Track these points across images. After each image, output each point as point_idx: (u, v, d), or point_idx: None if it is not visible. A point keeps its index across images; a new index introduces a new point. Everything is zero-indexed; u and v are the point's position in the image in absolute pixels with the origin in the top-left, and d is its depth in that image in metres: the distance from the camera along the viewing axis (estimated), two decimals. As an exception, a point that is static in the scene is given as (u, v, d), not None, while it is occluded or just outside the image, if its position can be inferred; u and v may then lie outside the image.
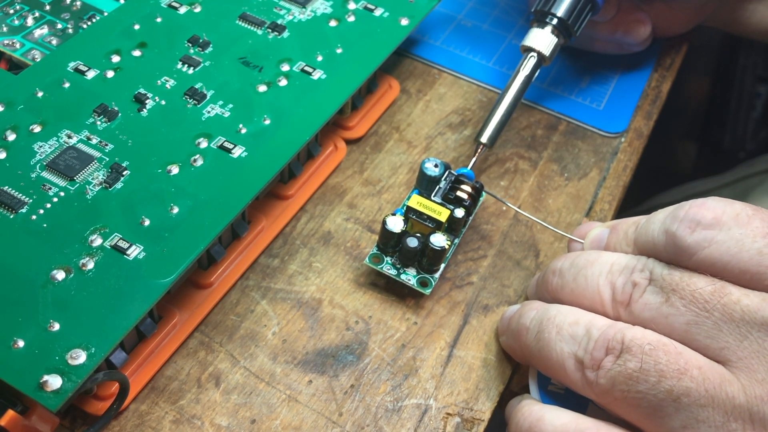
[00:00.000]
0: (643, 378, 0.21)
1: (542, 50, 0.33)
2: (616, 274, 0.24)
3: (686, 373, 0.21)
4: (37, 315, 0.23)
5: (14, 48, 0.32)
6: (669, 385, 0.21)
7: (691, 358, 0.21)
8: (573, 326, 0.24)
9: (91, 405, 0.25)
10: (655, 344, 0.21)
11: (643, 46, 0.39)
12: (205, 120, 0.29)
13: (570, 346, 0.23)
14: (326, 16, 0.35)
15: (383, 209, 0.32)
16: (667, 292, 0.22)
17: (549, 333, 0.24)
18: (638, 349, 0.21)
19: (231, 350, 0.27)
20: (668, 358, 0.21)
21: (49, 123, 0.28)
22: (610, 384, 0.22)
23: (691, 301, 0.22)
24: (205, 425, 0.25)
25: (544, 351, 0.24)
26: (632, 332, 0.22)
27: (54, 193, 0.26)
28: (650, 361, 0.21)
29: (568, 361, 0.23)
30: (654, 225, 0.24)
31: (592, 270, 0.25)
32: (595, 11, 0.35)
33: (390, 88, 0.37)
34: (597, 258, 0.25)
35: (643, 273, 0.23)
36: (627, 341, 0.22)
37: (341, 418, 0.26)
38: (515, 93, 0.33)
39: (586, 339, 0.23)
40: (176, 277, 0.24)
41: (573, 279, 0.25)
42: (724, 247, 0.22)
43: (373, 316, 0.29)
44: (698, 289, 0.22)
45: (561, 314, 0.24)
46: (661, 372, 0.21)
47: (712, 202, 0.23)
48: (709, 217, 0.22)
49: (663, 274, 0.23)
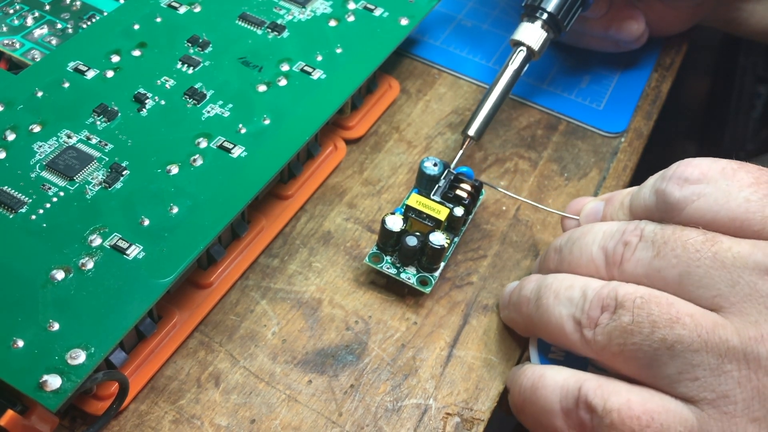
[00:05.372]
0: (637, 330, 0.22)
1: (531, 44, 0.33)
2: (608, 239, 0.25)
3: (678, 321, 0.21)
4: (37, 315, 0.23)
5: (14, 48, 0.32)
6: (662, 334, 0.21)
7: (682, 307, 0.22)
8: (569, 290, 0.24)
9: (90, 405, 0.25)
10: (647, 297, 0.22)
11: (637, 44, 0.39)
12: (204, 120, 0.29)
13: (568, 309, 0.24)
14: (326, 16, 0.35)
15: (383, 209, 0.32)
16: (658, 246, 0.23)
17: (547, 299, 0.25)
18: (630, 303, 0.22)
19: (231, 350, 0.27)
20: (660, 309, 0.22)
21: (49, 123, 0.28)
22: (607, 339, 0.23)
23: (682, 252, 0.22)
24: (205, 425, 0.25)
25: (544, 316, 0.25)
26: (624, 288, 0.23)
27: (54, 193, 0.26)
28: (642, 313, 0.22)
29: (567, 323, 0.24)
30: (645, 189, 0.25)
31: (585, 240, 0.25)
32: (585, 7, 0.35)
33: (390, 88, 0.37)
34: (590, 228, 0.26)
35: (635, 232, 0.24)
36: (620, 297, 0.22)
37: (341, 418, 0.26)
38: (503, 87, 0.33)
39: (582, 300, 0.24)
40: (176, 277, 0.24)
41: (569, 252, 0.26)
42: (711, 199, 0.23)
43: (373, 316, 0.29)
44: (689, 240, 0.22)
45: (557, 280, 0.25)
46: (653, 323, 0.22)
47: (698, 159, 0.24)
48: (696, 173, 0.23)
49: (654, 230, 0.23)
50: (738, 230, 0.22)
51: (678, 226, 0.23)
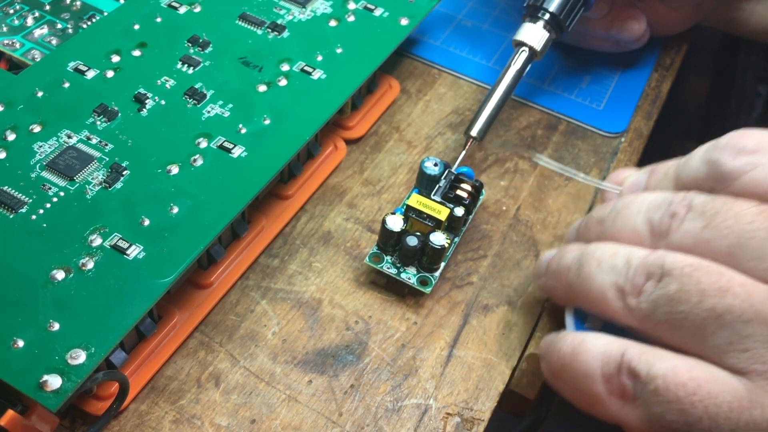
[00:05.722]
0: (685, 298, 0.21)
1: (534, 45, 0.33)
2: (653, 210, 0.24)
3: (729, 291, 0.20)
4: (37, 315, 0.23)
5: (14, 48, 0.32)
6: (711, 303, 0.21)
7: (733, 277, 0.21)
8: (613, 257, 0.23)
9: (90, 405, 0.25)
10: (696, 265, 0.21)
11: (638, 44, 0.39)
12: (205, 120, 0.29)
13: (610, 277, 0.23)
14: (326, 16, 0.35)
15: (383, 209, 0.32)
16: (708, 217, 0.22)
17: (589, 266, 0.24)
18: (679, 271, 0.21)
19: (231, 350, 0.27)
20: (710, 278, 0.21)
21: (49, 123, 0.28)
22: (652, 307, 0.22)
23: (734, 223, 0.21)
24: (205, 425, 0.25)
25: (586, 284, 0.24)
26: (672, 257, 0.22)
27: (54, 193, 0.26)
28: (691, 282, 0.21)
29: (609, 291, 0.23)
30: (694, 159, 0.24)
31: (629, 211, 0.24)
32: (587, 7, 0.35)
33: (390, 88, 0.37)
34: (635, 199, 0.25)
35: (683, 203, 0.23)
36: (667, 265, 0.22)
37: (341, 418, 0.26)
38: (506, 87, 0.33)
39: (626, 268, 0.23)
40: (176, 277, 0.24)
41: (612, 223, 0.25)
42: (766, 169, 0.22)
43: (373, 316, 0.29)
44: (742, 211, 0.21)
45: (600, 249, 0.24)
46: (702, 291, 0.21)
47: (754, 130, 0.23)
48: (752, 144, 0.22)
49: (705, 200, 0.22)
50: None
51: (730, 197, 0.22)
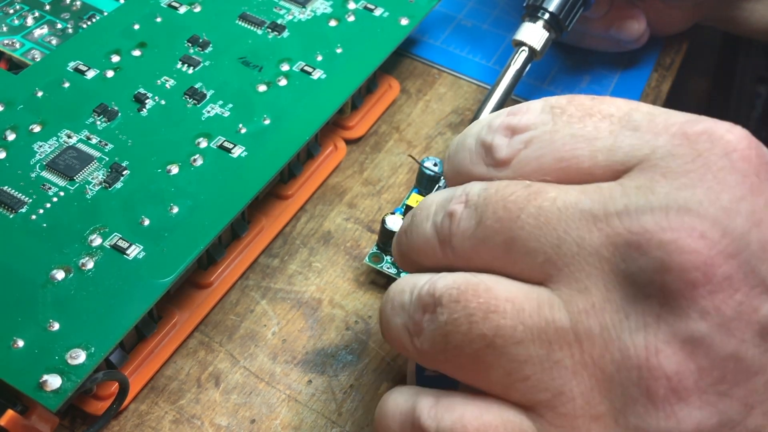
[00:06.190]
0: (455, 329, 0.18)
1: (533, 45, 0.33)
2: (438, 211, 0.20)
3: (496, 311, 0.17)
4: (37, 315, 0.23)
5: (14, 48, 0.32)
6: (480, 329, 0.18)
7: (501, 292, 0.18)
8: (401, 294, 0.20)
9: (90, 405, 0.25)
10: (463, 287, 0.18)
11: (638, 44, 0.39)
12: (204, 120, 0.29)
13: (401, 318, 0.20)
14: (326, 15, 0.35)
15: (383, 209, 0.32)
16: (480, 212, 0.19)
17: (386, 311, 0.21)
18: (447, 297, 0.18)
19: (231, 350, 0.27)
20: (477, 299, 0.18)
21: (49, 123, 0.28)
22: (430, 346, 0.19)
23: (504, 214, 0.18)
24: (205, 425, 0.25)
25: (387, 334, 0.21)
26: (442, 281, 0.19)
27: (54, 193, 0.26)
28: (458, 307, 0.18)
29: (403, 336, 0.20)
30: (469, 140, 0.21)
31: (421, 216, 0.21)
32: (587, 7, 0.35)
33: (390, 88, 0.37)
34: (426, 200, 0.21)
35: (460, 198, 0.20)
36: (438, 292, 0.19)
37: (341, 418, 0.26)
38: (506, 87, 0.33)
39: (409, 303, 0.20)
40: (176, 276, 0.24)
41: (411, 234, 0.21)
42: (537, 143, 0.19)
43: (373, 316, 0.29)
44: (510, 197, 0.18)
45: (394, 286, 0.21)
46: (470, 317, 0.18)
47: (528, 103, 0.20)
48: (524, 121, 0.20)
49: (478, 192, 0.19)
50: (566, 174, 0.18)
51: (503, 181, 0.19)
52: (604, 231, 0.17)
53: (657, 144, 0.18)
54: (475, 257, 0.19)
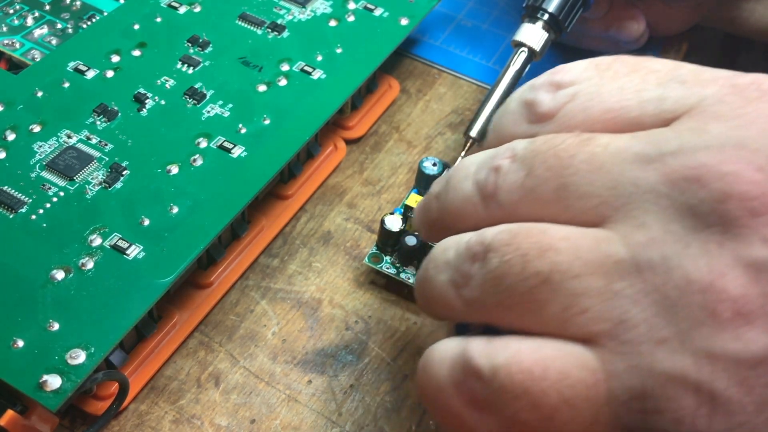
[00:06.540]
0: (508, 270, 0.18)
1: (533, 45, 0.33)
2: (479, 169, 0.21)
3: (551, 248, 0.18)
4: (37, 315, 0.23)
5: (14, 48, 0.32)
6: (535, 266, 0.18)
7: (556, 232, 0.18)
8: (445, 252, 0.20)
9: (90, 405, 0.25)
10: (515, 230, 0.18)
11: (638, 44, 0.39)
12: (204, 120, 0.29)
13: (445, 274, 0.20)
14: (326, 15, 0.35)
15: (383, 209, 0.32)
16: (529, 162, 0.19)
17: (427, 271, 0.21)
18: (498, 242, 0.18)
19: (231, 350, 0.27)
20: (529, 240, 0.18)
21: (49, 123, 0.28)
22: (481, 292, 0.19)
23: (554, 161, 0.19)
24: (205, 425, 0.25)
25: (428, 290, 0.21)
26: (493, 230, 0.19)
27: (54, 193, 0.26)
28: (510, 249, 0.18)
29: (447, 292, 0.20)
30: (511, 104, 0.22)
31: (458, 176, 0.21)
32: (586, 7, 0.35)
33: (390, 88, 0.37)
34: (462, 162, 0.22)
35: (505, 154, 0.20)
36: (488, 240, 0.19)
37: (341, 418, 0.26)
38: (505, 88, 0.33)
39: (455, 258, 0.20)
40: (176, 277, 0.24)
41: (446, 195, 0.22)
42: (584, 96, 0.20)
43: (373, 316, 0.29)
44: (561, 145, 0.19)
45: (435, 249, 0.21)
46: (524, 256, 0.18)
47: (572, 63, 0.21)
48: (569, 77, 0.20)
49: (524, 146, 0.20)
50: (614, 124, 0.19)
51: (549, 135, 0.19)
52: (660, 170, 0.17)
53: (706, 93, 0.18)
54: (524, 209, 0.19)
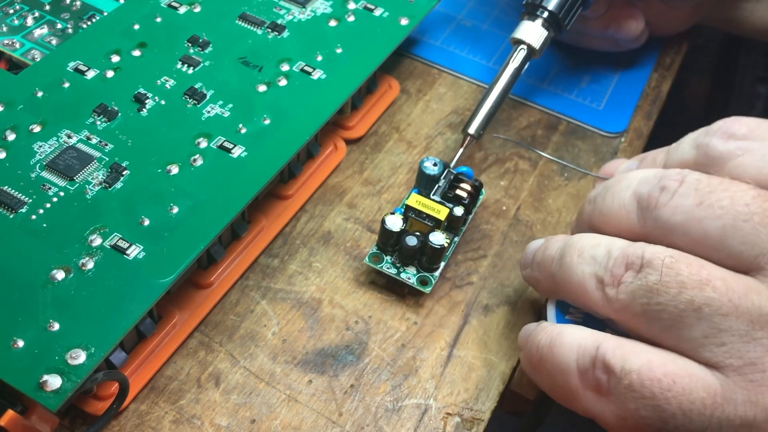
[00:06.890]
0: (664, 290, 0.21)
1: (532, 43, 0.33)
2: (643, 184, 0.23)
3: (708, 284, 0.20)
4: (37, 315, 0.23)
5: (14, 48, 0.32)
6: (690, 295, 0.20)
7: (714, 270, 0.21)
8: (594, 248, 0.23)
9: (90, 405, 0.25)
10: (677, 257, 0.21)
11: (637, 43, 0.39)
12: (204, 120, 0.29)
13: (591, 267, 0.23)
14: (326, 15, 0.35)
15: (383, 209, 0.32)
16: (702, 194, 0.21)
17: (571, 257, 0.24)
18: (659, 262, 0.21)
19: (231, 350, 0.27)
20: (690, 270, 0.21)
21: (49, 123, 0.28)
22: (630, 298, 0.22)
23: (729, 204, 0.21)
24: (205, 425, 0.25)
25: (566, 275, 0.24)
26: (653, 248, 0.22)
27: (54, 193, 0.26)
28: (671, 273, 0.21)
29: (588, 282, 0.23)
30: (685, 143, 0.24)
31: (619, 185, 0.24)
32: (586, 6, 0.35)
33: (390, 88, 0.37)
34: (626, 175, 0.24)
35: (675, 177, 0.22)
36: (647, 256, 0.21)
37: (341, 418, 0.26)
38: (504, 85, 0.33)
39: (606, 258, 0.23)
40: (176, 277, 0.24)
41: (602, 200, 0.25)
42: (758, 154, 0.21)
43: (373, 316, 0.29)
44: (740, 192, 0.21)
45: (583, 239, 0.24)
46: (682, 283, 0.20)
47: (745, 118, 0.23)
48: (744, 130, 0.22)
49: (699, 177, 0.22)
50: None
51: (726, 178, 0.22)
52: None
53: None
54: (679, 233, 0.22)
